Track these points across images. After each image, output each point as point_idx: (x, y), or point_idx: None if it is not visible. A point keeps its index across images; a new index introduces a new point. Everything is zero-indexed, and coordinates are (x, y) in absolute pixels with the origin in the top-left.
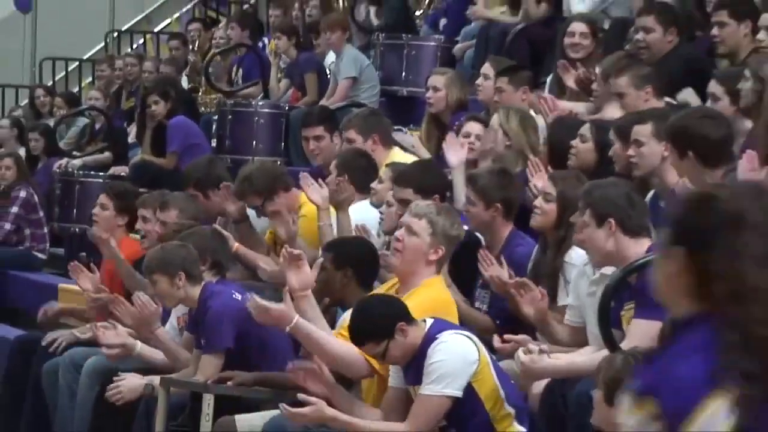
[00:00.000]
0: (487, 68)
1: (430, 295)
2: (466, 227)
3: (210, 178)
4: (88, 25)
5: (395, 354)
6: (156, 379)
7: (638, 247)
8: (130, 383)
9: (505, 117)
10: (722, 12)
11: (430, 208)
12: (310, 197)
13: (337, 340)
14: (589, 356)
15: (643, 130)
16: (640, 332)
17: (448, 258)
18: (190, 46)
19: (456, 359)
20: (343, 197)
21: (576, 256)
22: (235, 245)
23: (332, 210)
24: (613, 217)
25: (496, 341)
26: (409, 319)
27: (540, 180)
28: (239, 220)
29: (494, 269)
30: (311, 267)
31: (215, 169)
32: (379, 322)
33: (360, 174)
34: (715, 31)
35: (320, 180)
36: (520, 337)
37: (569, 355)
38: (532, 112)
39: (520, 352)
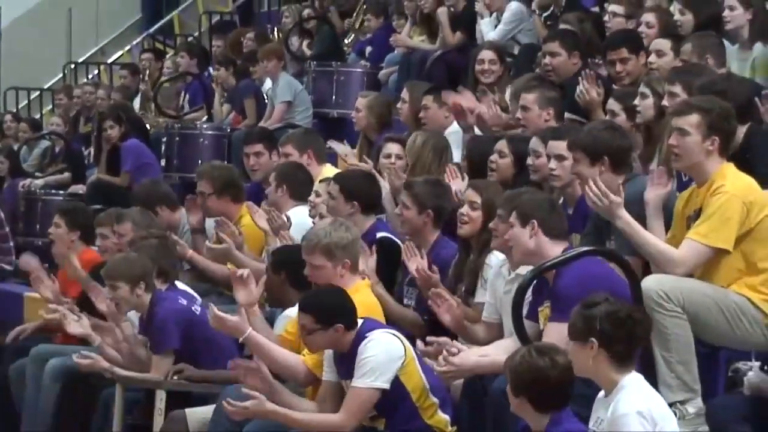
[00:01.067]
0: (404, 93)
1: (359, 300)
2: (385, 234)
3: (155, 198)
4: (48, 57)
5: (317, 341)
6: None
7: (556, 248)
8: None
9: (413, 139)
10: (621, 49)
11: (313, 237)
12: (257, 223)
13: (282, 350)
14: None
15: (562, 146)
16: (556, 334)
17: (358, 256)
18: (141, 75)
19: (384, 355)
20: (276, 225)
21: (494, 258)
22: (189, 252)
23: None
24: (536, 219)
25: (420, 345)
26: (350, 325)
27: (456, 185)
28: (197, 230)
29: (417, 260)
30: (257, 282)
31: (159, 189)
32: (330, 310)
33: (296, 184)
34: (618, 67)
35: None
36: (442, 339)
37: (492, 352)
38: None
39: (441, 360)
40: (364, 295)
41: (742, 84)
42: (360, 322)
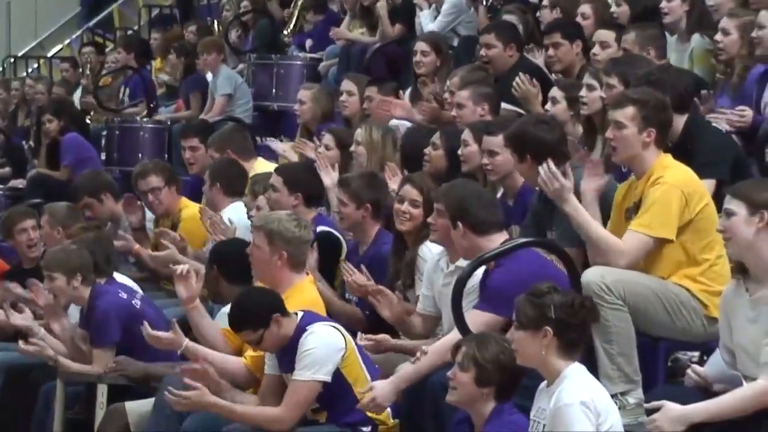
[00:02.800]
0: (347, 84)
1: (301, 299)
2: (325, 228)
3: (100, 185)
4: None
5: (270, 342)
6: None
7: (490, 243)
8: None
9: (368, 132)
10: (555, 34)
11: (264, 218)
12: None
13: (221, 356)
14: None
15: (496, 141)
16: (474, 321)
17: (303, 256)
18: (82, 69)
19: (325, 348)
20: (220, 231)
21: (427, 250)
22: (136, 246)
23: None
24: (462, 221)
25: (360, 338)
26: (284, 311)
27: (394, 183)
28: (137, 227)
29: (357, 277)
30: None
31: (103, 178)
32: (257, 311)
33: (230, 180)
34: (550, 51)
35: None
36: (380, 336)
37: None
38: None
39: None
40: (307, 291)
41: (681, 75)
42: (300, 314)
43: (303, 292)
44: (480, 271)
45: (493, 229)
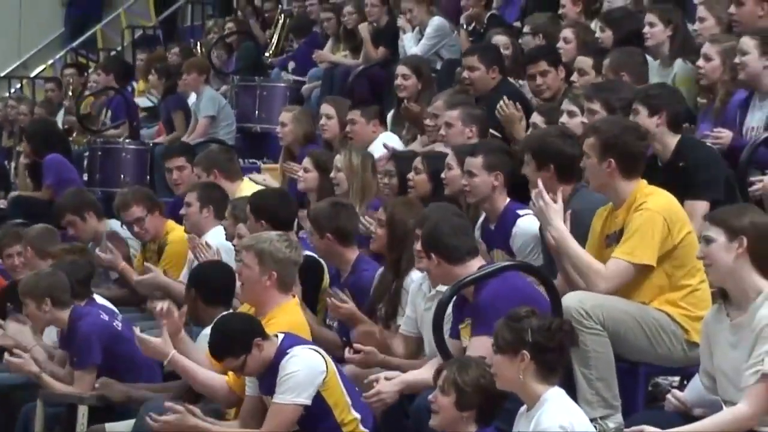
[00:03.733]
0: (326, 108)
1: (286, 320)
2: (307, 252)
3: (83, 203)
4: None
5: (252, 366)
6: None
7: (466, 270)
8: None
9: (347, 157)
10: (541, 62)
11: (255, 239)
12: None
13: (206, 372)
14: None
15: (475, 163)
16: (482, 348)
17: (292, 277)
18: (64, 90)
19: (306, 371)
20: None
21: (414, 273)
22: (122, 264)
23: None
24: (436, 253)
25: (348, 352)
26: (264, 335)
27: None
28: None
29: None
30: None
31: (86, 196)
32: (237, 338)
33: (219, 204)
34: (538, 80)
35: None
36: (369, 348)
37: (416, 372)
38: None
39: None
40: (292, 314)
41: (676, 94)
42: (280, 337)
43: (288, 313)
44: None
45: (467, 256)
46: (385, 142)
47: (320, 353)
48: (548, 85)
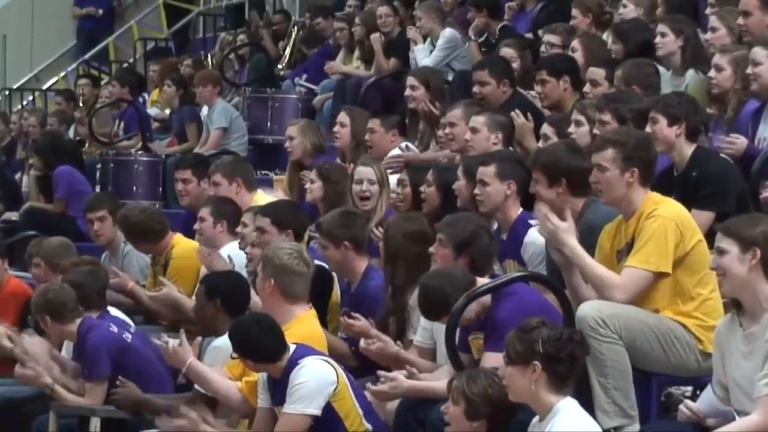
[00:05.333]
0: (342, 116)
1: (302, 332)
2: (317, 262)
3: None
4: None
5: (263, 370)
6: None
7: (481, 280)
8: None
9: (380, 170)
10: (542, 71)
11: (269, 247)
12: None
13: (223, 380)
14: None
15: (488, 171)
16: (494, 363)
17: (296, 287)
18: (76, 102)
19: (316, 381)
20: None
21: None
22: (130, 284)
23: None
24: (465, 254)
25: (370, 387)
26: (286, 348)
27: None
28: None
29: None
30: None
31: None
32: (269, 349)
33: (234, 218)
34: (538, 88)
35: None
36: (393, 375)
37: (424, 382)
38: None
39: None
40: (310, 325)
41: (694, 104)
42: (292, 348)
43: (305, 324)
44: None
45: (486, 267)
46: (407, 144)
47: (331, 364)
48: (546, 94)
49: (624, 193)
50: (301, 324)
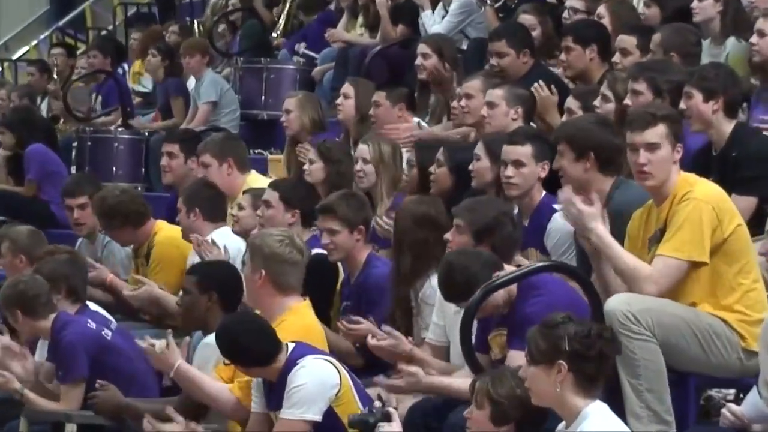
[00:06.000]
0: (347, 87)
1: (299, 323)
2: (318, 250)
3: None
4: None
5: (257, 373)
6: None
7: (509, 267)
8: None
9: (376, 148)
10: (567, 38)
11: (256, 234)
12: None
13: (214, 383)
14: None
15: (524, 152)
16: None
17: (289, 277)
18: (50, 74)
19: (316, 384)
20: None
21: (434, 280)
22: (109, 277)
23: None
24: (485, 242)
25: (382, 380)
26: (279, 348)
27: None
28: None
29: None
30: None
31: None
32: (260, 352)
33: (209, 205)
34: (562, 56)
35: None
36: (414, 369)
37: (447, 377)
38: None
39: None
40: (304, 316)
41: (733, 76)
42: (290, 346)
43: (299, 316)
44: None
45: (512, 254)
46: (419, 122)
47: (333, 364)
48: (569, 63)
49: (669, 175)
50: (296, 315)
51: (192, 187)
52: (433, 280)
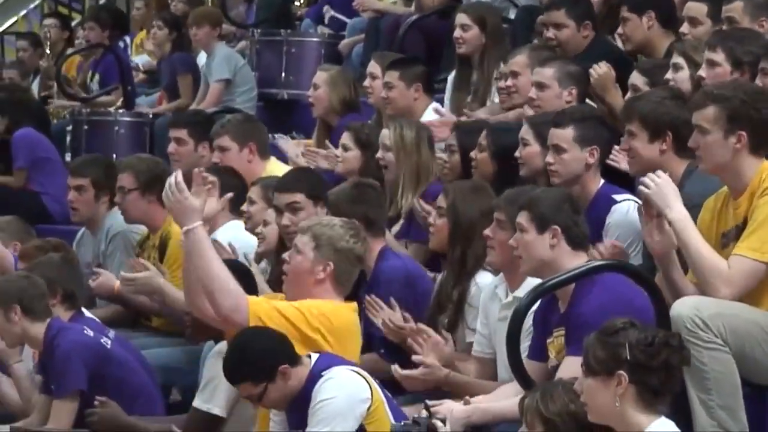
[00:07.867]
0: (373, 66)
1: (345, 317)
2: None
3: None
4: None
5: (274, 398)
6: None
7: (576, 260)
8: None
9: (397, 132)
10: (623, 7)
11: (315, 220)
12: None
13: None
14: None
15: (563, 135)
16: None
17: (350, 275)
18: (42, 48)
19: (345, 397)
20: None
21: (483, 276)
22: (117, 284)
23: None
24: (559, 225)
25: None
26: (293, 361)
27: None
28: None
29: (384, 313)
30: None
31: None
32: (260, 362)
33: (235, 193)
34: (620, 29)
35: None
36: (429, 361)
37: (490, 399)
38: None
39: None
40: (344, 314)
41: None
42: (314, 357)
43: (338, 308)
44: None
45: (583, 244)
46: (437, 107)
47: (363, 376)
48: (627, 36)
49: (729, 162)
50: (337, 307)
51: (217, 175)
52: (479, 277)
